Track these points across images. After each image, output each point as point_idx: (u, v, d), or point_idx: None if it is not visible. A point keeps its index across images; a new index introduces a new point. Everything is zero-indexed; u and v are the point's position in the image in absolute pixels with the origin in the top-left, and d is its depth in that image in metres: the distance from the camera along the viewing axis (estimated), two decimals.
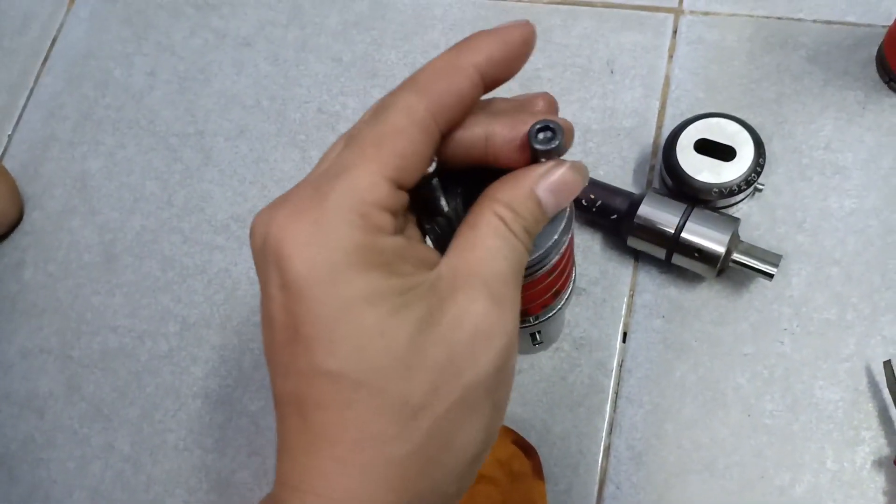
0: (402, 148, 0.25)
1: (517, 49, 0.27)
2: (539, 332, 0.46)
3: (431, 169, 0.27)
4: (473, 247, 0.26)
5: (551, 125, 0.27)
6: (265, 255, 0.24)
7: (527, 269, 0.30)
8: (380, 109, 0.25)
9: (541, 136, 0.27)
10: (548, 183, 0.27)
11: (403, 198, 0.26)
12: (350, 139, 0.25)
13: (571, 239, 0.34)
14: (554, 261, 0.32)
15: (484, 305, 0.25)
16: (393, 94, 0.26)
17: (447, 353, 0.24)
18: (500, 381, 0.26)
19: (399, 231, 0.26)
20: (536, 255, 0.30)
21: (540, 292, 0.35)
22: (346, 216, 0.23)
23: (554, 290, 0.37)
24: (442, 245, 0.28)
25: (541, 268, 0.32)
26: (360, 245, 0.23)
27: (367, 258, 0.24)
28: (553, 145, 0.27)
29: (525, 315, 0.39)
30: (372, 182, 0.24)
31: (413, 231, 0.29)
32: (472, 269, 0.25)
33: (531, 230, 0.27)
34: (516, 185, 0.27)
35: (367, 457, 0.23)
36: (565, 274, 0.37)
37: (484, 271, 0.25)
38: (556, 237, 0.30)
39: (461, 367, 0.24)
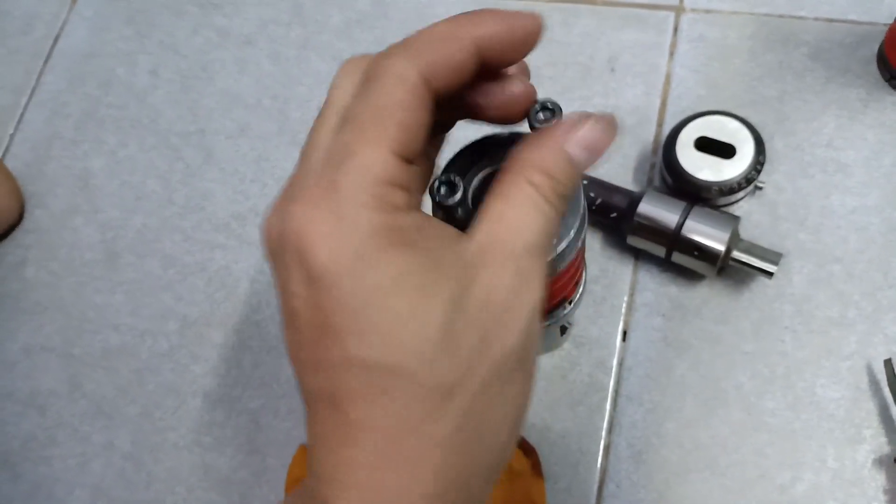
0: (402, 120, 0.24)
1: (520, 36, 0.26)
2: (568, 322, 0.46)
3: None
4: (502, 218, 0.25)
5: (550, 104, 0.27)
6: (283, 252, 0.24)
7: (559, 258, 0.31)
8: (371, 79, 0.24)
9: (541, 115, 0.27)
10: (578, 138, 0.26)
11: (413, 171, 0.25)
12: (346, 117, 0.24)
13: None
14: (580, 244, 0.32)
15: (511, 280, 0.24)
16: (384, 60, 0.24)
17: (478, 332, 0.24)
18: (528, 348, 0.25)
19: (415, 206, 0.25)
20: (576, 225, 0.30)
21: (568, 281, 0.36)
22: (362, 199, 0.23)
23: (578, 276, 0.37)
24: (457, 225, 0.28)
25: (582, 230, 0.32)
26: (379, 226, 0.23)
27: (389, 238, 0.23)
28: (552, 125, 0.27)
29: (563, 303, 0.39)
30: (380, 160, 0.23)
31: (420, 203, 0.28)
32: (500, 242, 0.25)
33: (565, 192, 0.26)
34: (545, 145, 0.26)
35: (407, 444, 0.23)
36: (583, 260, 0.38)
37: (512, 244, 0.25)
38: (583, 202, 0.30)
39: (491, 342, 0.24)
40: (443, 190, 0.26)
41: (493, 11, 0.26)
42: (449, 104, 0.27)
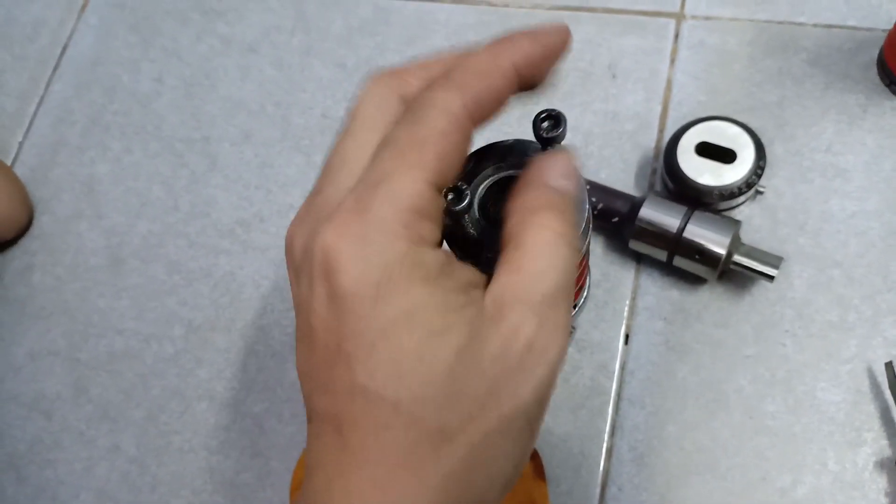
0: (442, 150, 0.24)
1: (554, 52, 0.26)
2: (574, 326, 0.46)
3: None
4: (520, 269, 0.25)
5: (554, 113, 0.28)
6: (311, 269, 0.24)
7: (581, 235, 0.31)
8: (416, 109, 0.25)
9: (545, 124, 0.28)
10: (563, 171, 0.26)
11: (441, 202, 0.25)
12: (387, 142, 0.24)
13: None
14: (584, 250, 0.33)
15: (529, 335, 0.24)
16: (431, 91, 0.25)
17: (487, 384, 0.23)
18: (541, 408, 0.25)
19: (441, 242, 0.25)
20: (582, 225, 0.30)
21: (581, 273, 0.36)
22: (392, 227, 0.23)
23: (581, 281, 0.37)
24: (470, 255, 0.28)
25: (587, 230, 0.32)
26: (403, 257, 0.23)
27: (412, 272, 0.23)
28: (557, 133, 0.27)
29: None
30: (416, 189, 0.23)
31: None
32: (518, 294, 0.24)
33: (575, 224, 0.26)
34: (543, 185, 0.26)
35: (401, 481, 0.23)
36: (587, 265, 0.38)
37: (531, 295, 0.24)
38: (584, 219, 0.30)
39: (501, 397, 0.23)
40: (449, 196, 0.26)
41: (526, 34, 0.26)
42: None
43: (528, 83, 0.26)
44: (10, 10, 0.77)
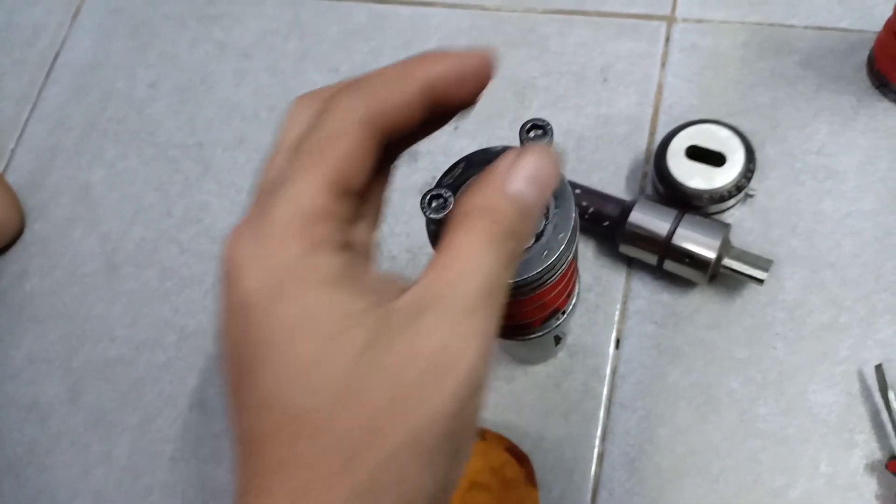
0: (342, 152, 0.23)
1: (471, 74, 0.26)
2: (562, 333, 0.46)
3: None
4: (444, 269, 0.23)
5: (541, 123, 0.27)
6: (225, 280, 0.23)
7: (563, 257, 0.30)
8: (319, 115, 0.24)
9: (531, 133, 0.27)
10: (520, 173, 0.25)
11: (349, 205, 0.24)
12: (293, 147, 0.24)
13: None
14: (576, 244, 0.32)
15: (442, 339, 0.22)
16: (335, 98, 0.24)
17: (391, 392, 0.21)
18: (462, 423, 0.23)
19: (347, 245, 0.24)
20: (566, 239, 0.30)
21: (567, 282, 0.36)
22: (286, 230, 0.22)
23: (575, 277, 0.37)
24: None
25: (571, 252, 0.32)
26: (298, 260, 0.22)
27: (307, 275, 0.22)
28: (543, 143, 0.27)
29: (556, 313, 0.39)
30: (313, 190, 0.23)
31: (367, 244, 0.27)
32: (436, 296, 0.23)
33: (516, 231, 0.24)
34: (487, 186, 0.25)
35: (316, 498, 0.21)
36: (576, 270, 0.38)
37: (450, 298, 0.23)
38: (573, 217, 0.30)
39: (408, 407, 0.22)
40: (433, 204, 0.26)
41: (445, 53, 0.25)
42: (398, 145, 0.26)
43: (444, 100, 0.26)
44: (10, 15, 0.78)
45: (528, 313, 0.36)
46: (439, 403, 0.22)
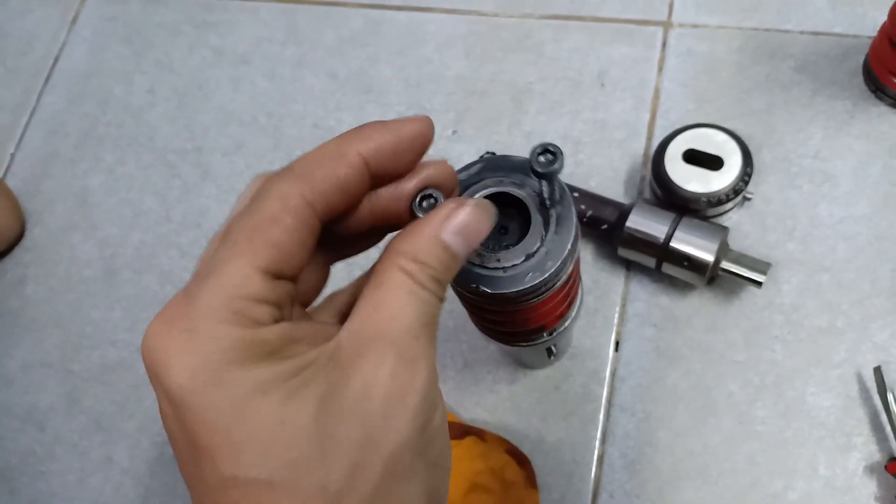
0: (275, 238, 0.23)
1: (408, 142, 0.26)
2: (554, 345, 0.46)
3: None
4: (378, 306, 0.24)
5: (552, 148, 0.27)
6: (150, 375, 0.23)
7: (548, 282, 0.30)
8: (255, 198, 0.24)
9: (541, 158, 0.27)
10: (452, 226, 0.25)
11: (286, 287, 0.24)
12: (224, 233, 0.24)
13: (578, 251, 0.34)
14: (570, 269, 0.32)
15: (391, 367, 0.23)
16: (269, 182, 0.24)
17: (360, 427, 0.22)
18: (427, 441, 0.24)
19: (284, 317, 0.25)
20: (554, 267, 0.30)
21: (557, 304, 0.35)
22: (219, 315, 0.22)
23: (568, 300, 0.37)
24: None
25: (559, 279, 0.32)
26: (237, 341, 0.22)
27: (248, 352, 0.22)
28: (553, 168, 0.27)
29: (541, 330, 0.39)
30: (243, 276, 0.23)
31: (303, 311, 0.28)
32: (377, 330, 0.24)
33: (442, 278, 0.25)
34: (420, 234, 0.25)
35: None
36: (576, 286, 0.37)
37: (391, 331, 0.24)
38: (569, 246, 0.30)
39: (378, 438, 0.22)
40: (423, 203, 0.27)
41: (379, 124, 0.26)
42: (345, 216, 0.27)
43: (384, 171, 0.26)
44: (4, 24, 0.78)
45: (532, 320, 0.36)
46: (403, 428, 0.23)
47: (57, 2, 0.78)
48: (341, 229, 0.27)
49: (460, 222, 0.26)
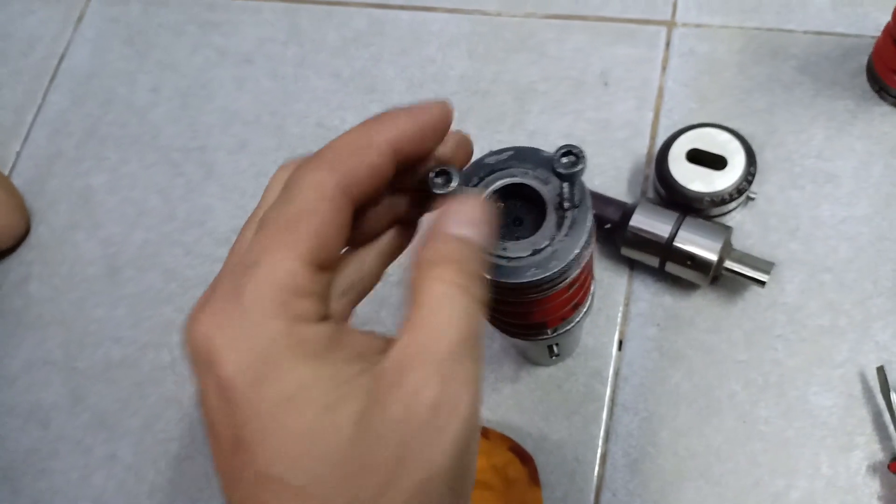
0: (315, 228, 0.24)
1: (431, 127, 0.27)
2: (557, 344, 0.46)
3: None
4: (419, 326, 0.23)
5: (575, 150, 0.27)
6: (196, 363, 0.23)
7: (548, 282, 0.30)
8: (288, 188, 0.24)
9: (564, 160, 0.28)
10: (461, 220, 0.26)
11: (326, 279, 0.25)
12: (261, 223, 0.24)
13: (591, 253, 0.33)
14: (574, 274, 0.32)
15: (435, 391, 0.22)
16: (301, 171, 0.25)
17: (395, 450, 0.22)
18: (461, 470, 0.23)
19: (327, 316, 0.25)
20: (558, 268, 0.30)
21: (559, 305, 0.35)
22: (265, 308, 0.22)
23: (573, 303, 0.37)
24: None
25: (562, 281, 0.31)
26: (282, 337, 0.22)
27: (293, 350, 0.22)
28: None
29: (543, 328, 0.39)
30: (288, 268, 0.23)
31: (347, 314, 0.28)
32: (419, 353, 0.23)
33: (478, 274, 0.25)
34: (443, 236, 0.25)
35: None
36: (584, 287, 0.37)
37: (432, 353, 0.23)
38: (577, 251, 0.30)
39: (412, 462, 0.22)
40: (438, 180, 0.27)
41: (403, 110, 0.26)
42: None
43: (409, 156, 0.26)
44: (6, 26, 0.78)
45: (533, 315, 0.36)
46: (439, 456, 0.22)
47: (60, 3, 0.78)
48: (366, 217, 0.27)
49: (465, 214, 0.26)
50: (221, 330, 0.22)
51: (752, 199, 0.54)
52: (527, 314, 0.36)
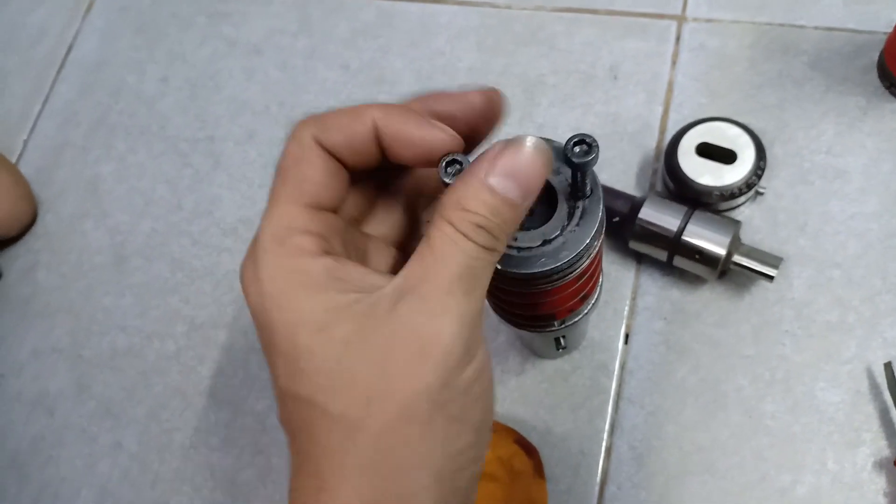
0: (301, 174, 0.27)
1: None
2: (563, 336, 0.46)
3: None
4: (421, 260, 0.25)
5: (588, 139, 0.27)
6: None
7: (558, 272, 0.30)
8: (286, 143, 0.28)
9: (576, 149, 0.27)
10: (499, 167, 0.25)
11: (328, 219, 0.27)
12: (273, 180, 0.28)
13: (601, 244, 0.33)
14: (584, 265, 0.32)
15: (420, 320, 0.24)
16: (295, 127, 0.28)
17: (378, 371, 0.24)
18: (452, 395, 0.25)
19: (329, 252, 0.27)
20: (568, 258, 0.30)
21: (568, 296, 0.35)
22: (269, 246, 0.26)
23: (581, 294, 0.36)
24: None
25: (572, 271, 0.31)
26: (282, 269, 0.26)
27: (293, 279, 0.25)
28: (588, 159, 0.27)
29: (551, 319, 0.39)
30: (284, 210, 0.27)
31: (373, 251, 0.30)
32: (416, 282, 0.25)
33: (489, 225, 0.25)
34: (466, 180, 0.25)
35: (332, 474, 0.24)
36: (593, 279, 0.37)
37: (427, 283, 0.24)
38: (587, 241, 0.30)
39: (395, 382, 0.24)
40: (449, 169, 0.28)
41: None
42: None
43: (390, 153, 0.28)
44: (14, 16, 0.78)
45: (541, 306, 0.36)
46: (422, 377, 0.24)
47: None
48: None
49: (508, 163, 0.25)
50: (246, 270, 0.27)
51: (762, 193, 0.54)
52: (535, 305, 0.36)
